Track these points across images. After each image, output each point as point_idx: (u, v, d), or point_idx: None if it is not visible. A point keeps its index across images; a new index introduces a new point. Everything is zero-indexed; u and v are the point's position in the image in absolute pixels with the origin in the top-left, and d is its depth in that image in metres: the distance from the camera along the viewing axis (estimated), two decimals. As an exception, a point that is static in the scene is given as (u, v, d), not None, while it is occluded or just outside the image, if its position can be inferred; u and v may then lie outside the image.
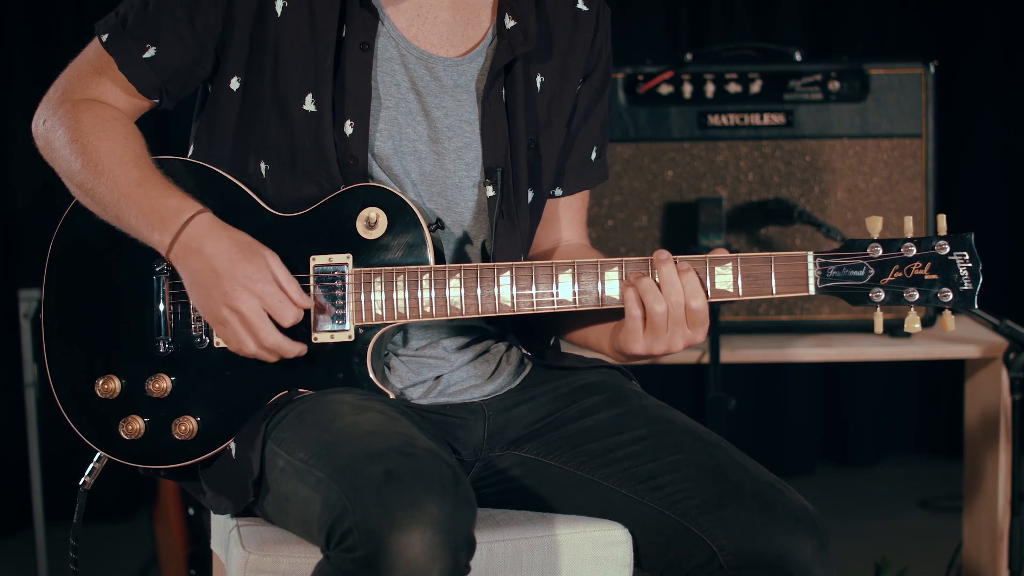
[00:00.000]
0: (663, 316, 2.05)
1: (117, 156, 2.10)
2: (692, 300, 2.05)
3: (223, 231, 2.06)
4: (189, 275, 2.06)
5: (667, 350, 2.07)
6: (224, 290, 2.02)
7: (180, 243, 2.05)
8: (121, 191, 2.08)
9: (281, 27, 2.13)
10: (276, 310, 2.04)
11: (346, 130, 2.13)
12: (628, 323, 2.07)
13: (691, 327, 2.06)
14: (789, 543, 1.98)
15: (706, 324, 2.07)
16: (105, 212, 2.11)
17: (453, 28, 2.20)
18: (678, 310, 2.05)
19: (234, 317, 2.03)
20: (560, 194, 2.32)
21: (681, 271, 2.05)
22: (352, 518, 1.83)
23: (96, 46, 2.17)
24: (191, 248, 2.04)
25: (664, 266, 2.05)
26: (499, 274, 2.09)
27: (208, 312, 2.05)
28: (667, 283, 2.05)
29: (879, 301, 2.06)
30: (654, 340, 2.07)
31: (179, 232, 2.05)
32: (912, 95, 3.26)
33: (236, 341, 2.05)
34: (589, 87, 2.28)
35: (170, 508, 3.50)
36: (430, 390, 2.18)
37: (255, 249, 2.05)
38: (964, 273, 2.05)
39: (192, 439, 2.12)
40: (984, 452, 3.27)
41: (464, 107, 2.19)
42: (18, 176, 4.38)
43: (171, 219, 2.05)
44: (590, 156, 2.32)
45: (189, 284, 2.06)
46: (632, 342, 2.08)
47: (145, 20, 2.14)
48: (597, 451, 2.12)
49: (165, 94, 2.18)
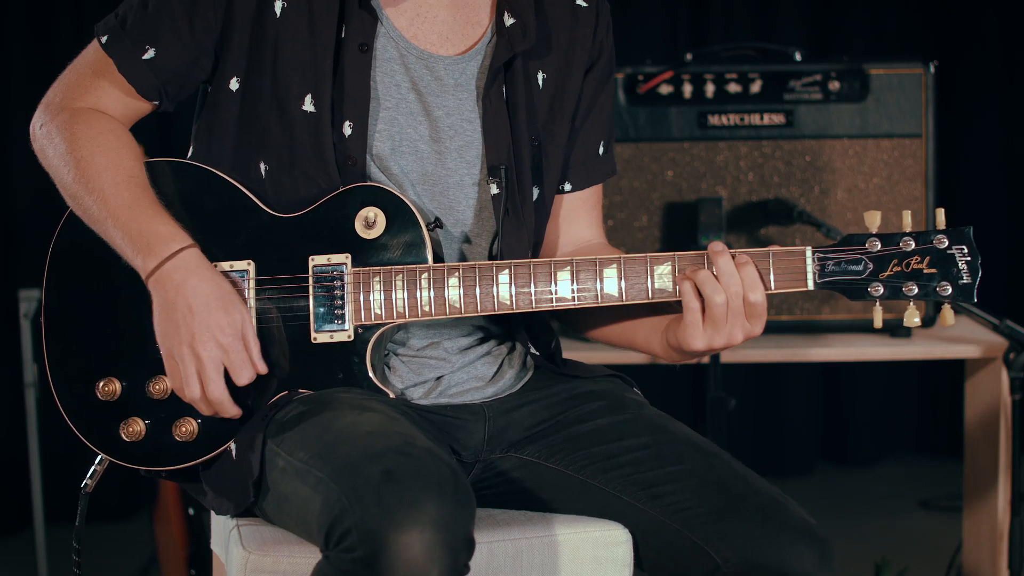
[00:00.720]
0: (723, 307, 2.04)
1: (110, 174, 2.09)
2: (751, 292, 2.04)
3: (210, 272, 2.06)
4: (162, 304, 2.05)
5: (727, 343, 2.06)
6: (192, 331, 2.02)
7: (163, 272, 2.04)
8: (109, 210, 2.07)
9: (280, 28, 2.13)
10: (236, 368, 2.04)
11: (345, 131, 2.13)
12: (687, 316, 2.06)
13: (750, 319, 2.06)
14: (791, 556, 1.99)
15: (764, 316, 2.06)
16: (93, 225, 2.11)
17: (452, 27, 2.21)
18: (737, 300, 2.04)
19: (192, 360, 2.03)
20: (569, 189, 2.31)
21: (739, 264, 2.05)
22: (351, 518, 1.83)
23: (95, 48, 2.17)
24: (174, 280, 2.04)
25: (720, 257, 2.05)
26: (498, 272, 2.09)
27: (167, 344, 2.05)
28: (725, 274, 2.04)
29: (878, 295, 2.06)
30: (715, 333, 2.06)
31: (164, 261, 2.04)
32: (912, 95, 3.26)
33: (182, 382, 2.05)
34: (592, 80, 2.28)
35: (170, 508, 3.50)
36: (431, 390, 2.18)
37: (234, 302, 2.05)
38: (963, 267, 2.04)
39: (192, 440, 2.12)
40: (984, 452, 3.27)
41: (465, 105, 2.19)
42: (18, 176, 4.38)
43: (158, 247, 2.05)
44: (597, 150, 2.32)
45: (159, 312, 2.05)
46: (692, 336, 2.07)
47: (144, 21, 2.14)
48: (598, 456, 2.12)
49: (164, 95, 2.17)
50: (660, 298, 2.09)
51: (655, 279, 2.08)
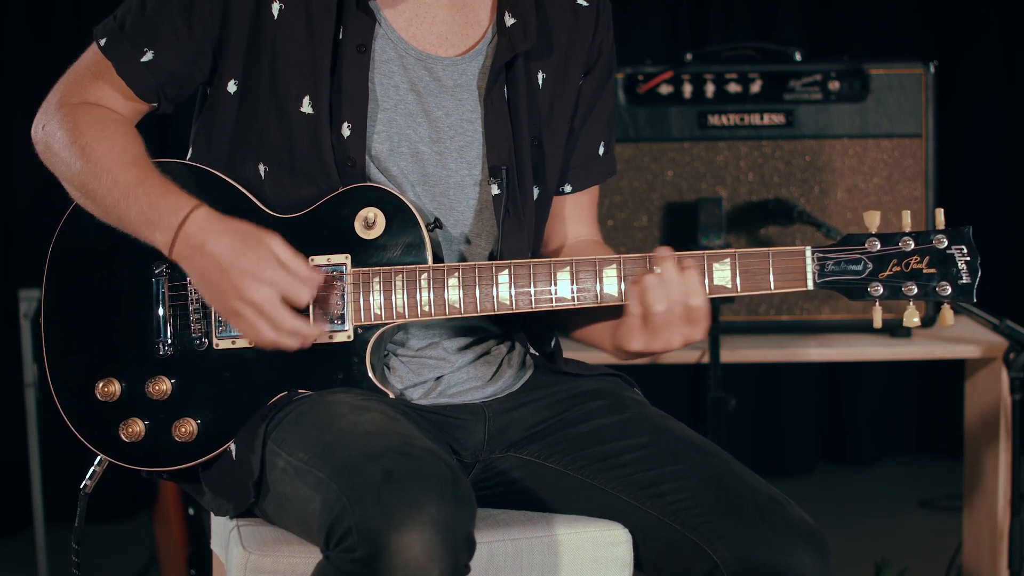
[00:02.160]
0: (662, 315, 2.05)
1: (116, 155, 2.09)
2: (691, 298, 2.05)
3: (222, 224, 2.04)
4: (196, 273, 2.04)
5: (665, 347, 2.07)
6: (234, 283, 2.01)
7: (181, 241, 2.04)
8: (122, 190, 2.07)
9: (278, 30, 2.13)
10: (290, 293, 2.02)
11: (343, 132, 2.13)
12: (627, 320, 2.07)
13: (690, 324, 2.06)
14: (790, 556, 1.99)
15: (705, 322, 2.06)
16: (107, 213, 2.10)
17: (452, 27, 2.20)
18: (677, 307, 2.04)
19: (248, 308, 2.01)
20: (569, 191, 2.31)
21: (683, 268, 2.05)
22: (351, 518, 1.83)
23: (94, 51, 2.17)
24: (193, 245, 2.03)
25: (665, 263, 2.05)
26: (497, 272, 2.09)
27: (221, 307, 2.04)
28: (668, 281, 2.05)
29: (877, 295, 2.06)
30: (652, 338, 2.07)
31: (178, 230, 2.04)
32: (912, 95, 3.26)
33: (254, 332, 2.03)
34: (591, 82, 2.28)
35: (170, 508, 3.50)
36: (430, 391, 2.18)
37: (257, 236, 2.03)
38: (962, 267, 2.04)
39: (192, 441, 2.12)
40: (984, 452, 3.27)
41: (465, 106, 2.19)
42: (18, 176, 4.38)
43: (169, 217, 2.04)
44: (597, 151, 2.32)
45: (198, 282, 2.05)
46: (630, 339, 2.08)
47: (142, 24, 2.14)
48: (598, 456, 2.12)
49: (163, 97, 2.17)
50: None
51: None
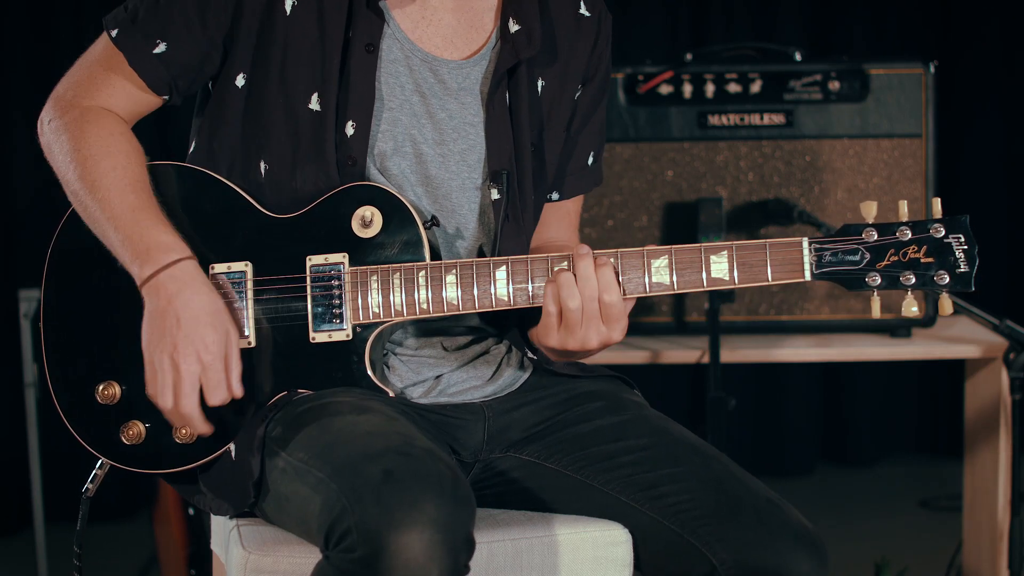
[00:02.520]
0: (576, 312, 2.03)
1: (116, 176, 2.08)
2: (605, 294, 2.03)
3: (205, 287, 2.05)
4: (153, 312, 2.04)
5: (581, 347, 2.05)
6: (176, 342, 2.01)
7: (159, 280, 2.03)
8: (112, 213, 2.07)
9: (290, 26, 2.13)
10: (210, 387, 2.03)
11: (347, 131, 2.13)
12: (544, 318, 2.07)
13: (606, 323, 2.04)
14: (788, 559, 1.99)
15: (622, 322, 2.04)
16: (93, 226, 2.10)
17: (457, 31, 2.20)
18: (592, 304, 2.03)
19: (171, 371, 2.02)
20: (556, 198, 2.31)
21: (598, 265, 2.04)
22: (351, 518, 1.83)
23: (105, 42, 2.16)
24: (168, 290, 2.03)
25: (581, 261, 2.04)
26: (495, 269, 2.09)
27: (150, 351, 2.04)
28: (582, 278, 2.03)
29: (875, 285, 2.05)
30: (568, 335, 2.05)
31: (161, 270, 2.03)
32: (912, 95, 3.26)
33: (157, 390, 2.03)
34: (588, 93, 2.28)
35: (170, 508, 3.50)
36: (430, 390, 2.18)
37: (223, 320, 2.04)
38: (960, 255, 2.03)
39: (193, 443, 2.11)
40: (984, 452, 3.27)
41: (468, 110, 2.19)
42: (18, 176, 4.38)
43: (157, 255, 2.04)
44: (587, 161, 2.32)
45: (148, 318, 2.04)
46: (547, 336, 2.07)
47: (155, 15, 2.13)
48: (597, 456, 2.12)
49: (175, 90, 2.17)
50: (656, 292, 2.08)
51: (652, 273, 2.08)
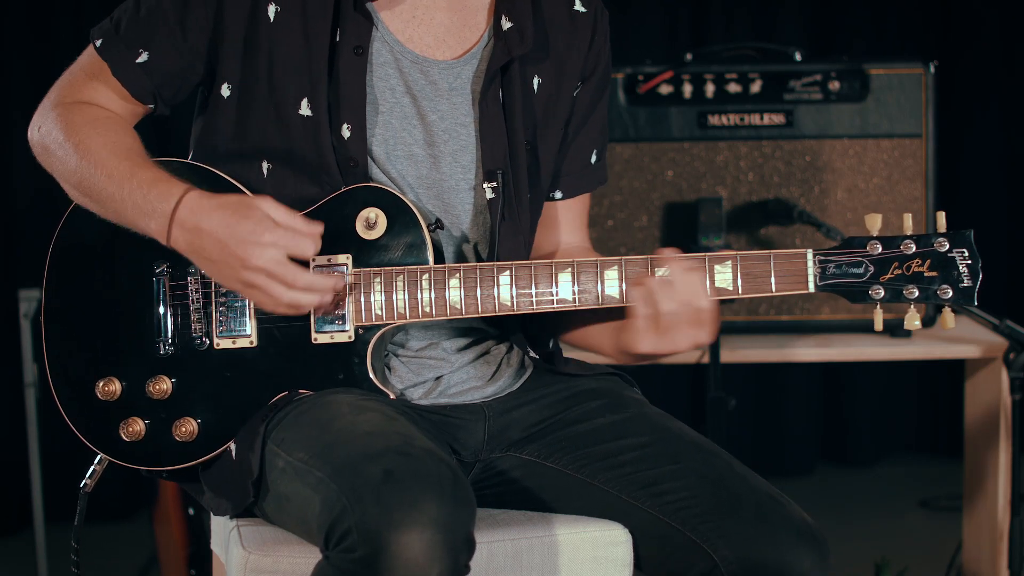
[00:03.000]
0: (672, 315, 2.04)
1: (109, 150, 2.09)
2: (697, 300, 2.04)
3: (212, 201, 2.04)
4: (197, 255, 2.04)
5: (673, 350, 2.06)
6: (236, 254, 2.00)
7: (176, 226, 2.03)
8: (116, 184, 2.07)
9: (274, 32, 2.13)
10: (293, 248, 2.01)
11: (343, 133, 2.13)
12: (636, 322, 2.06)
13: (697, 327, 2.05)
14: (789, 555, 1.99)
15: (713, 324, 2.06)
16: (104, 208, 2.10)
17: (449, 29, 2.20)
18: (686, 309, 2.04)
19: (258, 275, 2.00)
20: (559, 197, 2.31)
21: (688, 269, 2.05)
22: (351, 518, 1.83)
23: (90, 52, 2.17)
24: (188, 228, 2.02)
25: (672, 264, 2.05)
26: (499, 274, 2.09)
27: (231, 282, 2.03)
28: (677, 282, 2.04)
29: (879, 298, 2.06)
30: (660, 339, 2.06)
31: (172, 215, 2.03)
32: (912, 95, 3.27)
33: (269, 297, 2.01)
34: (588, 90, 2.28)
35: (170, 508, 3.50)
36: (430, 391, 2.18)
37: (248, 203, 2.03)
38: (964, 270, 2.04)
39: (193, 440, 2.12)
40: (984, 452, 3.27)
41: (460, 110, 2.19)
42: (18, 176, 4.38)
43: (160, 205, 2.04)
44: (590, 159, 2.32)
45: (202, 263, 2.04)
46: (639, 341, 2.07)
47: (137, 25, 2.14)
48: (598, 455, 2.12)
49: (159, 99, 2.18)
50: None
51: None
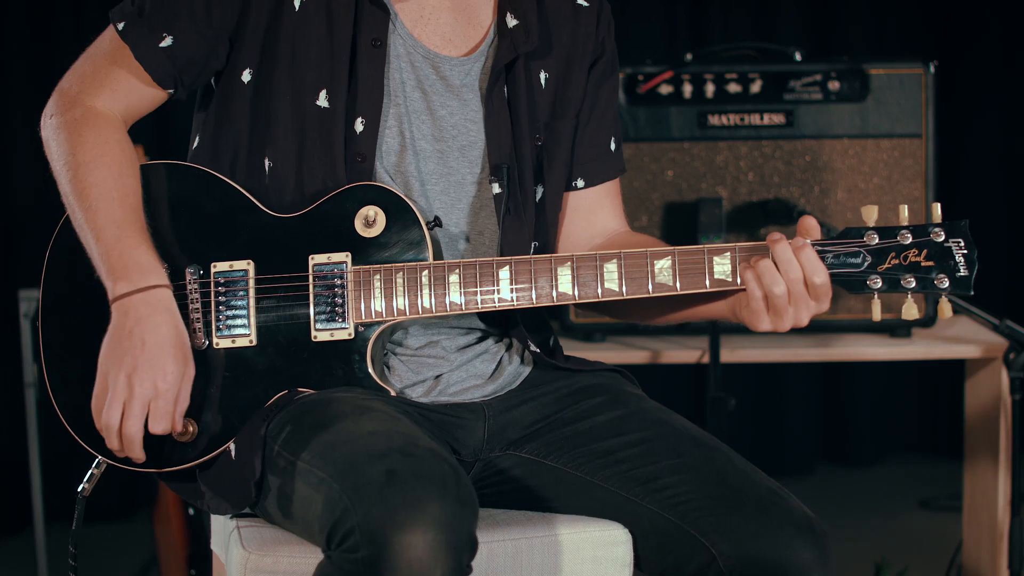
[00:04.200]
0: (784, 296, 2.04)
1: (107, 187, 2.08)
2: (814, 276, 2.04)
3: (174, 318, 2.05)
4: (118, 329, 2.03)
5: (794, 324, 2.07)
6: (136, 364, 2.01)
7: (131, 301, 2.03)
8: (96, 225, 2.06)
9: (299, 21, 2.13)
10: (158, 415, 2.03)
11: (356, 127, 2.13)
12: (752, 304, 2.06)
13: (815, 300, 2.06)
14: (789, 549, 1.98)
15: (829, 294, 2.05)
16: (78, 231, 2.10)
17: (455, 28, 2.21)
18: (797, 287, 2.04)
19: (124, 390, 2.02)
20: (583, 185, 2.31)
21: (797, 248, 2.04)
22: (354, 518, 1.82)
23: (112, 35, 2.15)
24: (138, 312, 2.03)
25: (777, 246, 2.05)
26: (498, 269, 2.09)
27: (106, 366, 2.03)
28: (784, 262, 2.04)
29: (876, 288, 2.07)
30: (778, 318, 2.06)
31: (136, 292, 2.03)
32: (912, 95, 3.26)
33: (105, 406, 2.03)
34: (595, 75, 2.28)
35: (170, 508, 3.50)
36: (430, 390, 2.18)
37: (186, 354, 2.05)
38: (960, 259, 2.06)
39: (192, 441, 2.11)
40: (984, 452, 3.27)
41: (469, 106, 2.19)
42: (18, 176, 4.37)
43: (134, 275, 2.04)
44: (608, 146, 2.32)
45: (111, 334, 2.04)
46: (758, 322, 2.07)
47: (161, 8, 2.13)
48: (597, 453, 2.12)
49: (180, 83, 2.16)
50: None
51: (655, 274, 2.08)
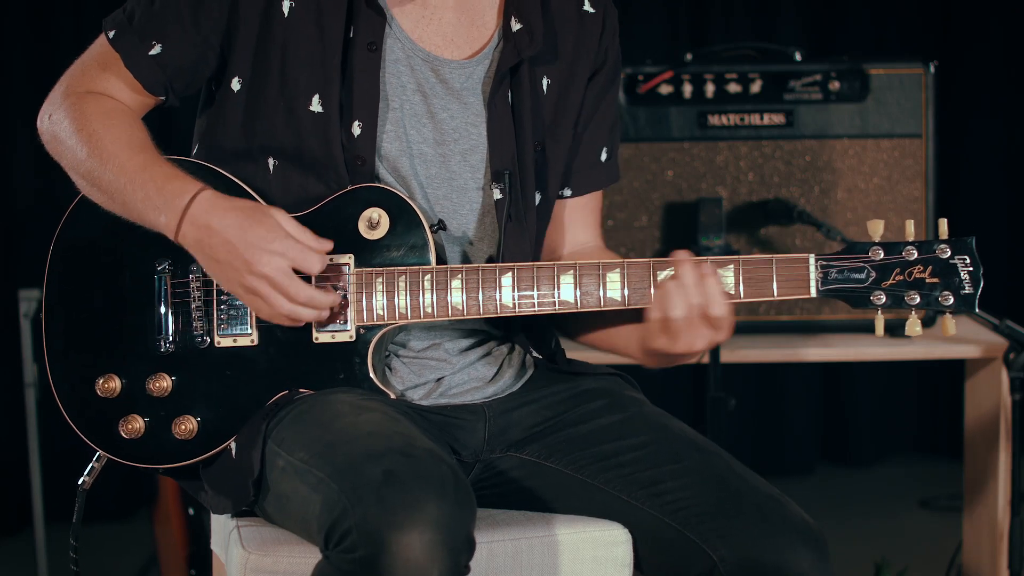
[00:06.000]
0: (680, 321, 2.04)
1: (123, 143, 2.09)
2: (711, 308, 2.03)
3: (226, 202, 2.05)
4: (204, 254, 2.04)
5: (687, 350, 2.06)
6: (244, 258, 2.01)
7: (187, 222, 2.04)
8: (128, 176, 2.07)
9: (288, 27, 2.13)
10: (300, 262, 2.02)
11: (354, 131, 2.13)
12: (649, 324, 2.07)
13: (711, 328, 2.05)
14: (788, 555, 1.99)
15: (728, 326, 2.06)
16: (112, 200, 2.10)
17: (458, 30, 2.20)
18: (696, 312, 2.04)
19: (262, 282, 2.01)
20: (569, 195, 2.31)
21: (703, 275, 2.04)
22: (352, 518, 1.83)
23: (102, 42, 2.17)
24: (199, 226, 2.03)
25: (683, 267, 2.04)
26: (500, 275, 2.09)
27: (233, 285, 2.04)
28: (687, 287, 2.04)
29: (880, 304, 2.07)
30: (672, 342, 2.06)
31: (184, 211, 2.03)
32: (912, 95, 3.26)
33: (268, 307, 2.03)
34: (595, 86, 2.28)
35: (170, 508, 3.50)
36: (431, 391, 2.18)
37: (262, 210, 2.04)
38: (965, 277, 2.05)
39: (192, 439, 2.12)
40: (984, 452, 3.27)
41: (470, 110, 2.19)
42: (18, 176, 4.38)
43: (174, 200, 2.04)
44: (599, 157, 2.32)
45: (206, 262, 2.05)
46: (652, 340, 2.08)
47: (151, 17, 2.14)
48: (597, 456, 2.12)
49: (170, 91, 2.17)
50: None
51: (658, 285, 2.08)
